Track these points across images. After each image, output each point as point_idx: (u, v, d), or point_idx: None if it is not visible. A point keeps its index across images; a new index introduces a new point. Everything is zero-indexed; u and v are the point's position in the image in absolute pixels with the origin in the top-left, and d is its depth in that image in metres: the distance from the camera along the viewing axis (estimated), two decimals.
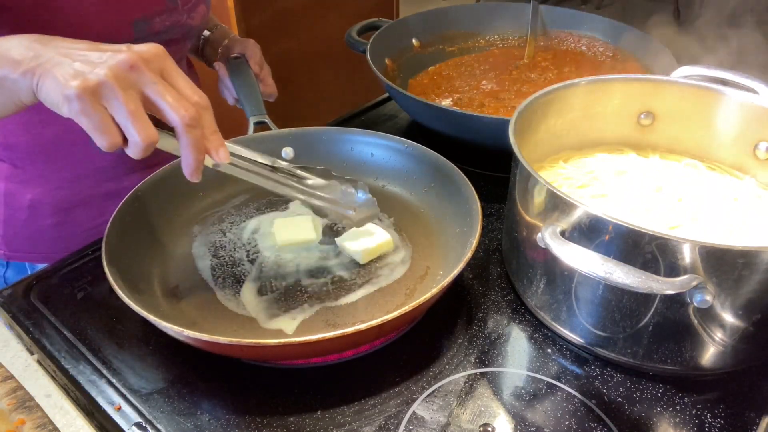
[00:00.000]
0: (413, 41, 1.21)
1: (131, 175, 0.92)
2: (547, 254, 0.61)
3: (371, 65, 1.00)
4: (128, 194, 0.75)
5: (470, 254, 0.65)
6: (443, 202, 0.80)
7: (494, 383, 0.63)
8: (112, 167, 0.90)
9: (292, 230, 0.79)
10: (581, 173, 0.78)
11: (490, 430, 0.59)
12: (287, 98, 1.16)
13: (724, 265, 0.54)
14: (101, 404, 0.61)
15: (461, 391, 0.62)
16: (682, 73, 0.80)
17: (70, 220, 0.91)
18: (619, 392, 0.63)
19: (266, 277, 0.74)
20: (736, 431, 0.59)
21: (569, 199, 0.58)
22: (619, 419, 0.60)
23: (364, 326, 0.57)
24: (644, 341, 0.61)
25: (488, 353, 0.67)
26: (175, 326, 0.58)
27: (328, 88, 2.05)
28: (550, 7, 1.26)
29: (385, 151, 0.87)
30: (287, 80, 1.55)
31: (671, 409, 0.61)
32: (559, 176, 0.78)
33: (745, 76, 0.75)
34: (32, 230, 0.90)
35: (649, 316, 0.59)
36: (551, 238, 0.58)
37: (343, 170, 0.88)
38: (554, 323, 0.68)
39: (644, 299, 0.58)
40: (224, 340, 0.57)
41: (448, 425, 0.59)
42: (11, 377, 0.64)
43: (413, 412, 0.60)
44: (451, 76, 1.16)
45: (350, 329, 0.57)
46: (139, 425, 0.59)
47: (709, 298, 0.54)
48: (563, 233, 0.59)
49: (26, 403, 0.61)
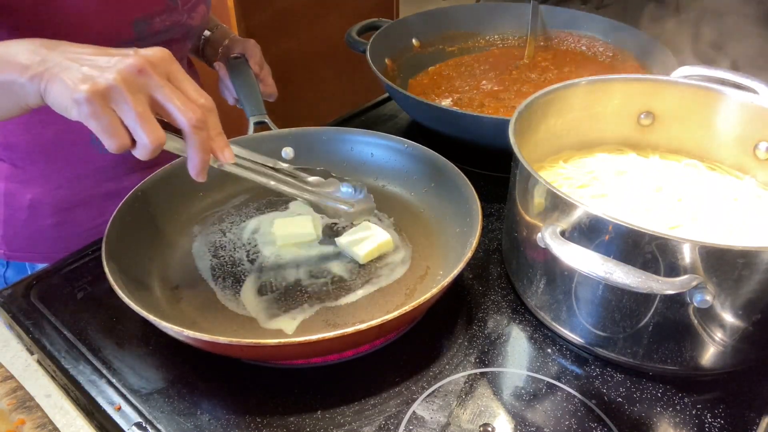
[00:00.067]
0: (413, 41, 1.21)
1: (131, 175, 0.92)
2: (547, 254, 0.61)
3: (371, 65, 1.00)
4: (128, 194, 0.75)
5: (470, 254, 0.65)
6: (443, 202, 0.80)
7: (494, 383, 0.63)
8: (112, 167, 0.90)
9: (292, 230, 0.79)
10: (581, 173, 0.78)
11: (490, 430, 0.59)
12: (287, 98, 1.16)
13: (724, 265, 0.54)
14: (101, 404, 0.61)
15: (461, 391, 0.62)
16: (682, 73, 0.80)
17: (70, 220, 0.91)
18: (619, 392, 0.63)
19: (266, 277, 0.74)
20: (736, 431, 0.59)
21: (569, 199, 0.58)
22: (619, 419, 0.60)
23: (364, 326, 0.57)
24: (644, 341, 0.61)
25: (488, 353, 0.67)
26: (175, 326, 0.58)
27: (328, 88, 2.05)
28: (550, 7, 1.26)
29: (385, 151, 0.87)
30: (287, 80, 1.55)
31: (671, 409, 0.61)
32: (559, 176, 0.78)
33: (745, 76, 0.75)
34: (32, 230, 0.90)
35: (649, 316, 0.59)
36: (551, 238, 0.58)
37: (343, 170, 0.88)
38: (554, 323, 0.68)
39: (644, 299, 0.58)
40: (224, 340, 0.57)
41: (448, 425, 0.59)
42: (11, 377, 0.64)
43: (413, 412, 0.60)
44: (451, 76, 1.16)
45: (350, 329, 0.57)
46: (139, 425, 0.59)
47: (709, 298, 0.54)
48: (563, 233, 0.59)
49: (26, 403, 0.61)
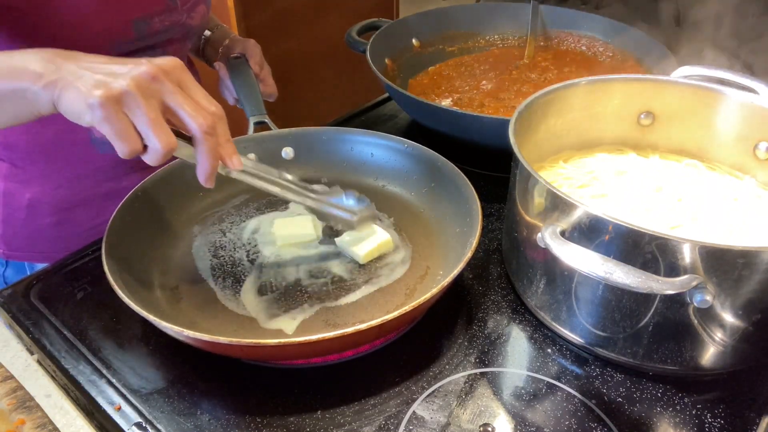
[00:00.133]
0: (413, 41, 1.21)
1: (131, 175, 0.92)
2: (547, 254, 0.61)
3: (371, 65, 1.00)
4: (128, 194, 0.75)
5: (470, 254, 0.65)
6: (443, 202, 0.80)
7: (494, 383, 0.63)
8: (111, 167, 0.90)
9: (292, 230, 0.79)
10: (581, 173, 0.78)
11: (490, 430, 0.59)
12: (287, 98, 1.16)
13: (724, 265, 0.54)
14: (101, 404, 0.61)
15: (461, 391, 0.62)
16: (682, 73, 0.80)
17: (69, 219, 0.91)
18: (619, 392, 0.63)
19: (266, 277, 0.74)
20: (735, 431, 0.59)
21: (569, 199, 0.58)
22: (619, 419, 0.60)
23: (364, 326, 0.57)
24: (644, 341, 0.61)
25: (488, 353, 0.67)
26: (175, 326, 0.58)
27: (328, 88, 2.05)
28: (550, 7, 1.26)
29: (385, 151, 0.87)
30: (287, 80, 1.54)
31: (671, 409, 0.61)
32: (559, 176, 0.78)
33: (745, 76, 0.75)
34: (31, 230, 0.90)
35: (649, 316, 0.59)
36: (551, 238, 0.58)
37: (343, 170, 0.88)
38: (554, 323, 0.68)
39: (644, 299, 0.58)
40: (224, 340, 0.57)
41: (448, 425, 0.59)
42: (11, 377, 0.64)
43: (413, 412, 0.60)
44: (451, 76, 1.16)
45: (350, 329, 0.57)
46: (139, 425, 0.59)
47: (709, 298, 0.54)
48: (563, 233, 0.59)
49: (26, 403, 0.61)
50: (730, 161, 0.79)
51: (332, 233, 0.78)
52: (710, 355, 0.61)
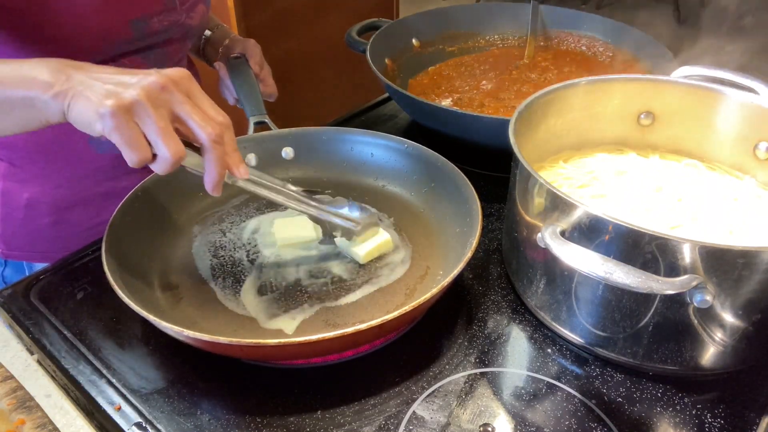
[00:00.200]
0: (413, 41, 1.21)
1: (130, 175, 0.91)
2: (547, 254, 0.61)
3: (371, 65, 1.00)
4: (128, 194, 0.75)
5: (470, 254, 0.65)
6: (443, 202, 0.80)
7: (494, 383, 0.63)
8: (111, 167, 0.90)
9: (292, 230, 0.79)
10: (581, 173, 0.78)
11: (490, 430, 0.59)
12: (287, 98, 1.16)
13: (724, 265, 0.54)
14: (101, 404, 0.61)
15: (461, 391, 0.62)
16: (682, 73, 0.80)
17: (68, 219, 0.91)
18: (619, 392, 0.63)
19: (266, 277, 0.74)
20: (735, 431, 0.59)
21: (569, 199, 0.58)
22: (619, 419, 0.60)
23: (364, 326, 0.57)
24: (644, 341, 0.61)
25: (488, 353, 0.67)
26: (175, 326, 0.58)
27: (328, 88, 2.05)
28: (550, 7, 1.26)
29: (385, 151, 0.87)
30: (287, 80, 1.54)
31: (671, 409, 0.61)
32: (559, 176, 0.78)
33: (745, 76, 0.75)
34: (30, 229, 0.90)
35: (649, 316, 0.59)
36: (551, 238, 0.58)
37: (343, 170, 0.88)
38: (554, 323, 0.68)
39: (644, 299, 0.58)
40: (224, 340, 0.57)
41: (448, 425, 0.59)
42: (11, 377, 0.64)
43: (413, 412, 0.60)
44: (451, 76, 1.16)
45: (350, 329, 0.57)
46: (139, 425, 0.59)
47: (709, 298, 0.54)
48: (563, 233, 0.59)
49: (26, 403, 0.61)
50: (730, 161, 0.79)
51: (332, 234, 0.78)
52: (710, 355, 0.61)
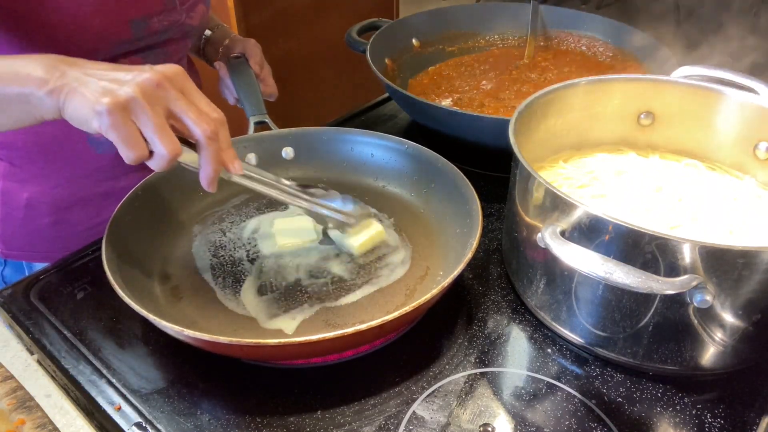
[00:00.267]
0: (413, 41, 1.21)
1: (130, 174, 0.91)
2: (547, 254, 0.61)
3: (371, 65, 1.00)
4: (128, 194, 0.75)
5: (470, 254, 0.65)
6: (443, 202, 0.80)
7: (494, 383, 0.63)
8: (110, 167, 0.90)
9: (292, 230, 0.79)
10: (581, 173, 0.78)
11: (490, 430, 0.59)
12: (287, 98, 1.16)
13: (724, 265, 0.54)
14: (101, 404, 0.61)
15: (461, 391, 0.62)
16: (682, 73, 0.80)
17: (67, 219, 0.91)
18: (619, 392, 0.63)
19: (266, 276, 0.74)
20: (735, 431, 0.59)
21: (569, 199, 0.58)
22: (619, 419, 0.60)
23: (364, 326, 0.57)
24: (644, 341, 0.61)
25: (488, 353, 0.67)
26: (175, 326, 0.58)
27: (328, 88, 2.05)
28: (550, 7, 1.26)
29: (385, 151, 0.87)
30: (287, 80, 1.54)
31: (671, 409, 0.61)
32: (559, 176, 0.78)
33: (745, 76, 0.75)
34: (30, 229, 0.90)
35: (649, 316, 0.59)
36: (551, 238, 0.58)
37: (343, 170, 0.88)
38: (554, 323, 0.68)
39: (644, 299, 0.58)
40: (224, 340, 0.57)
41: (448, 425, 0.59)
42: (11, 377, 0.64)
43: (413, 412, 0.60)
44: (451, 76, 1.16)
45: (350, 329, 0.57)
46: (139, 425, 0.59)
47: (709, 298, 0.54)
48: (563, 233, 0.59)
49: (26, 403, 0.61)
50: (730, 161, 0.79)
51: (327, 226, 0.78)
52: (710, 355, 0.61)
